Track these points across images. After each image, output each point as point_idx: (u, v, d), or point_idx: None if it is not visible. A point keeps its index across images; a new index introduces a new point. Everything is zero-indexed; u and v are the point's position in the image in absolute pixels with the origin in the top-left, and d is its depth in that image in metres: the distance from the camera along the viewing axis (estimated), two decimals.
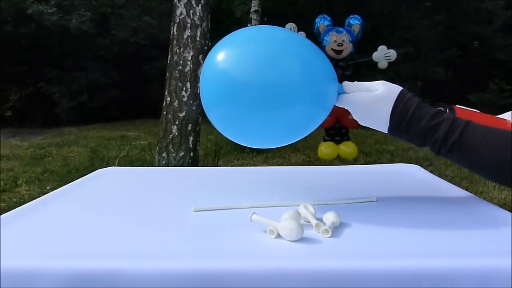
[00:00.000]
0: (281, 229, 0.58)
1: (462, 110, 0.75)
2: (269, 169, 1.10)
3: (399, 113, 0.67)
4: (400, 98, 0.68)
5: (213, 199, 0.79)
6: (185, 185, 0.92)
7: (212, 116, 0.72)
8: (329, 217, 0.62)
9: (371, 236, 0.60)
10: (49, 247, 0.56)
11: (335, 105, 0.72)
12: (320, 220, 0.62)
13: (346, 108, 0.72)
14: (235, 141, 0.74)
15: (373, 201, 0.77)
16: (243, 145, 0.78)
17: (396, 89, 0.69)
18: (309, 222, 0.63)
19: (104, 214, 0.71)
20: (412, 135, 0.68)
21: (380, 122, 0.69)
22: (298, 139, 0.73)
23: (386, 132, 0.70)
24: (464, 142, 0.64)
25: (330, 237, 0.58)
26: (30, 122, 9.32)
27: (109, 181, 0.93)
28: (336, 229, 0.61)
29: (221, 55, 0.70)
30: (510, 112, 0.75)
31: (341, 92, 0.71)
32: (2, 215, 0.67)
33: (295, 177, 1.00)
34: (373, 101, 0.68)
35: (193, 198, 0.81)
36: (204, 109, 0.73)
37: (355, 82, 0.72)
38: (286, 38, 0.73)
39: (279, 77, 0.67)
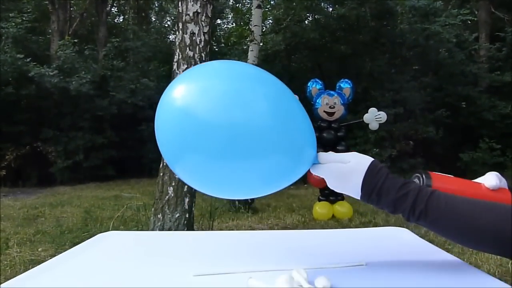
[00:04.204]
0: None
1: (438, 175, 0.79)
2: (263, 233, 1.14)
3: (369, 184, 0.71)
4: (370, 170, 0.72)
5: (212, 263, 0.82)
6: (184, 250, 0.95)
7: (176, 166, 0.70)
8: (320, 281, 0.66)
9: None
10: None
11: None
12: (312, 283, 0.66)
13: (321, 176, 0.76)
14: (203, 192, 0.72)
15: (362, 265, 0.81)
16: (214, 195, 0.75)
17: (367, 161, 0.73)
18: (301, 286, 0.66)
19: (106, 280, 0.74)
20: (382, 204, 0.72)
21: (352, 191, 0.73)
22: (275, 191, 0.74)
23: (359, 199, 0.74)
24: (429, 211, 0.68)
25: None
26: (23, 181, 9.28)
27: (110, 246, 0.97)
28: None
29: (180, 96, 0.67)
30: (484, 176, 0.81)
31: (316, 163, 0.75)
32: (3, 284, 0.70)
33: (288, 241, 1.03)
34: (345, 172, 0.73)
35: (192, 262, 0.84)
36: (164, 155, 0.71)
37: (329, 152, 0.76)
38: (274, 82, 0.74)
39: (250, 124, 0.66)
